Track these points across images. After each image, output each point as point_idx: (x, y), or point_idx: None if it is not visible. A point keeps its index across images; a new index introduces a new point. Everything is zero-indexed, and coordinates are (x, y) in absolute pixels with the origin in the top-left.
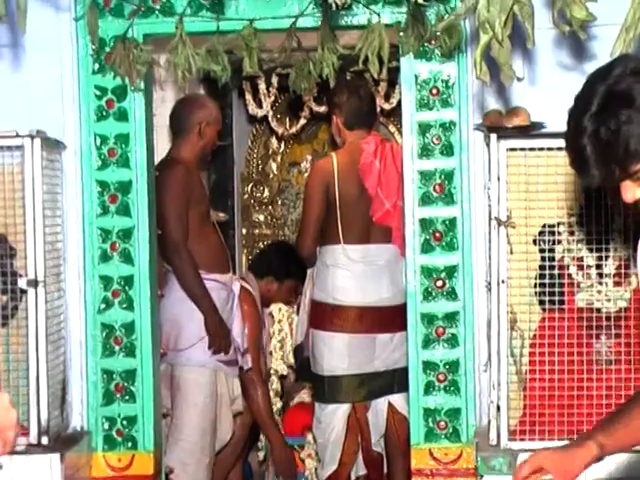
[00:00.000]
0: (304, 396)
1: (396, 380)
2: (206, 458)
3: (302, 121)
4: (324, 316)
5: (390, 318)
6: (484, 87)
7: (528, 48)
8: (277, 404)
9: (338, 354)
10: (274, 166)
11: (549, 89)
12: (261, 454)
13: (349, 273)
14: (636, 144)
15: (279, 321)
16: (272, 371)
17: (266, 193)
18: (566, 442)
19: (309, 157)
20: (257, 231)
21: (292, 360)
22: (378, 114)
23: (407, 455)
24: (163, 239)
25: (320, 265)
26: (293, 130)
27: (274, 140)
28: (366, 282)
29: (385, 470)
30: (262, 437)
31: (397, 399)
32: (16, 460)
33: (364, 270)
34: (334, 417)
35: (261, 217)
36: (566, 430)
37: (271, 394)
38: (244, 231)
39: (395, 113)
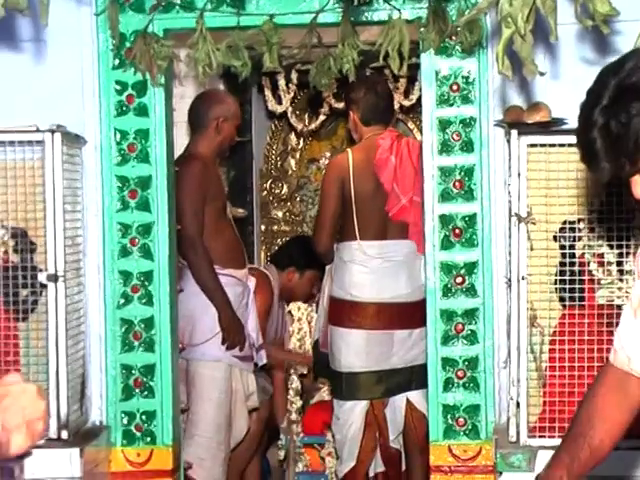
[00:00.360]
0: (324, 394)
1: (414, 377)
2: (222, 453)
3: (321, 117)
4: (342, 312)
5: (408, 314)
6: (505, 83)
7: (550, 43)
8: (297, 403)
9: (355, 351)
10: (293, 162)
11: (571, 84)
12: (282, 453)
13: (366, 269)
14: None
15: (298, 319)
16: (292, 370)
17: (285, 189)
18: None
19: (328, 154)
20: (275, 227)
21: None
22: (396, 110)
23: (425, 452)
24: (180, 234)
25: (338, 261)
26: (312, 126)
27: (293, 136)
28: (383, 278)
29: (403, 467)
30: (282, 435)
31: (415, 396)
32: (35, 454)
33: (381, 266)
34: (352, 414)
35: (279, 213)
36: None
37: (291, 393)
38: (263, 227)
39: (414, 110)
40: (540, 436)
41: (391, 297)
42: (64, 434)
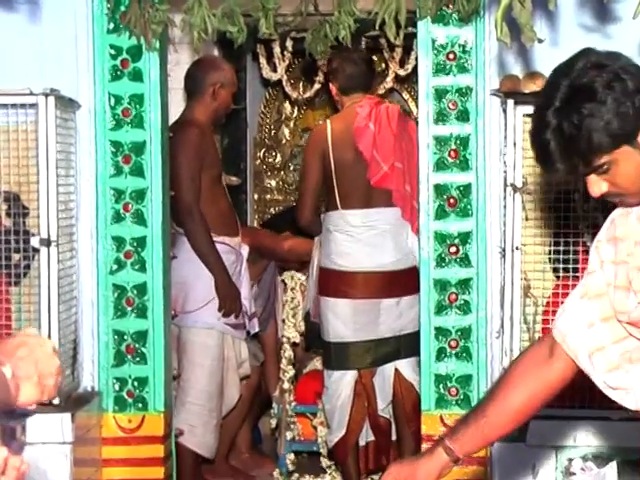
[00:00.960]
0: (317, 364)
1: (402, 346)
2: (213, 420)
3: (316, 86)
4: (329, 282)
5: (395, 282)
6: (501, 52)
7: (549, 10)
8: (290, 372)
9: (343, 320)
10: (287, 131)
11: (570, 53)
12: (273, 421)
13: (351, 238)
14: (599, 138)
15: (292, 289)
16: (284, 339)
17: (278, 158)
18: None
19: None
20: (269, 196)
21: (303, 327)
22: (376, 76)
23: (413, 421)
24: (175, 201)
25: (324, 231)
26: (307, 95)
27: (287, 105)
28: (369, 247)
29: (394, 437)
30: (274, 404)
31: (404, 366)
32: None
33: (366, 234)
34: (340, 383)
35: (273, 182)
36: (577, 398)
37: (284, 362)
38: (256, 196)
39: (409, 79)
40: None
41: (377, 265)
42: (55, 399)
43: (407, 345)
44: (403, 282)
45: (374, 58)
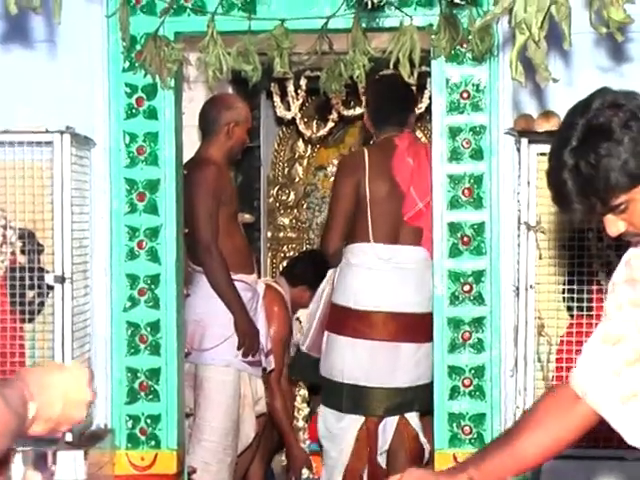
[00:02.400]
0: None
1: (417, 398)
2: (228, 458)
3: (330, 124)
4: (345, 320)
5: (415, 327)
6: (515, 91)
7: (564, 50)
8: (304, 410)
9: (360, 362)
10: (300, 170)
11: (584, 92)
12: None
13: (375, 275)
14: (616, 177)
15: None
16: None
17: (292, 196)
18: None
19: (335, 161)
20: (282, 234)
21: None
22: (413, 111)
23: None
24: (191, 238)
25: (344, 265)
26: (320, 133)
27: (301, 143)
28: (392, 285)
29: None
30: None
31: (413, 415)
32: None
33: (391, 273)
34: (349, 429)
35: (286, 220)
36: (592, 437)
37: (298, 400)
38: (269, 234)
39: (423, 118)
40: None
41: (399, 306)
42: (68, 436)
43: (422, 397)
44: (424, 327)
45: (412, 93)
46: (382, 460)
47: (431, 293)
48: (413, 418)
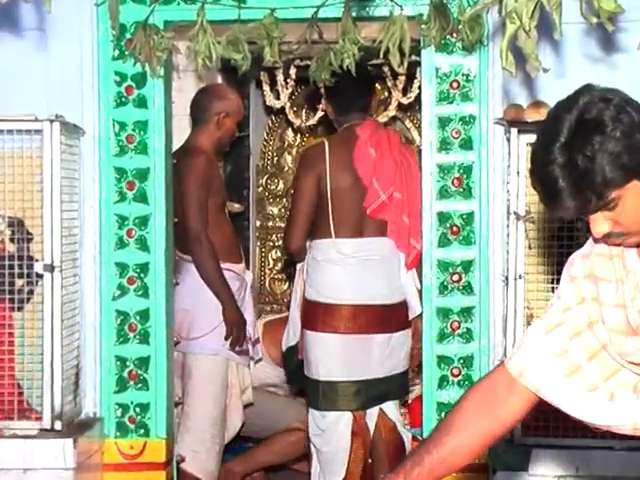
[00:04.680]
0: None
1: (391, 388)
2: (216, 446)
3: (319, 114)
4: (316, 316)
5: (386, 317)
6: (505, 81)
7: (554, 40)
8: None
9: (332, 357)
10: (289, 159)
11: (574, 82)
12: None
13: (341, 269)
14: (612, 171)
15: None
16: None
17: (281, 186)
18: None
19: None
20: (271, 224)
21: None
22: (374, 97)
23: (392, 465)
24: (181, 227)
25: (310, 261)
26: (310, 122)
27: (290, 132)
28: (360, 278)
29: None
30: None
31: (389, 406)
32: (29, 444)
33: (357, 266)
34: (338, 425)
35: (275, 210)
36: (580, 427)
37: None
38: (258, 223)
39: (412, 108)
40: (534, 435)
41: (368, 298)
42: (58, 425)
43: (395, 387)
44: (395, 317)
45: (370, 77)
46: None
47: (399, 283)
48: (389, 408)
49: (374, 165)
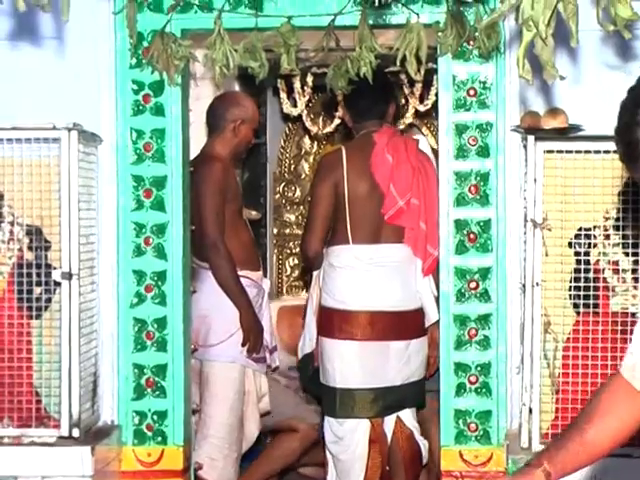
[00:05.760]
0: None
1: (408, 396)
2: (234, 454)
3: (336, 121)
4: (332, 322)
5: (403, 324)
6: (522, 89)
7: (571, 47)
8: None
9: (349, 364)
10: (306, 166)
11: (590, 90)
12: None
13: (358, 275)
14: None
15: None
16: None
17: (298, 193)
18: None
19: None
20: (288, 231)
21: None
22: (392, 104)
23: (410, 472)
24: (198, 235)
25: (327, 267)
26: (327, 130)
27: (307, 140)
28: (376, 285)
29: None
30: None
31: (406, 413)
32: (47, 452)
33: (374, 272)
34: (356, 433)
35: (292, 217)
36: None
37: None
38: (275, 231)
39: (429, 115)
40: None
41: (385, 305)
42: (75, 432)
43: (412, 394)
44: (411, 324)
45: (388, 84)
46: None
47: (416, 289)
48: (407, 416)
49: (391, 171)
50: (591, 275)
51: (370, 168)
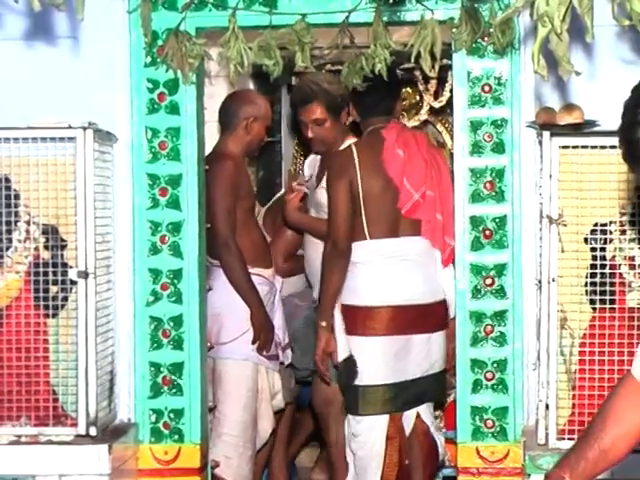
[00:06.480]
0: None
1: (428, 388)
2: (248, 451)
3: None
4: (355, 320)
5: (425, 317)
6: (537, 84)
7: (586, 43)
8: None
9: (373, 361)
10: None
11: (606, 85)
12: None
13: (378, 270)
14: None
15: None
16: None
17: None
18: None
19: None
20: None
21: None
22: (399, 100)
23: (427, 467)
24: (211, 233)
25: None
26: None
27: None
28: (397, 279)
29: None
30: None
31: (425, 409)
32: (64, 450)
33: (394, 266)
34: (374, 429)
35: None
36: None
37: None
38: None
39: (444, 112)
40: (569, 439)
41: (406, 299)
42: (92, 431)
43: (432, 387)
44: (433, 316)
45: (395, 80)
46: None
47: (437, 281)
48: (424, 411)
49: (403, 165)
50: (607, 271)
51: (382, 164)
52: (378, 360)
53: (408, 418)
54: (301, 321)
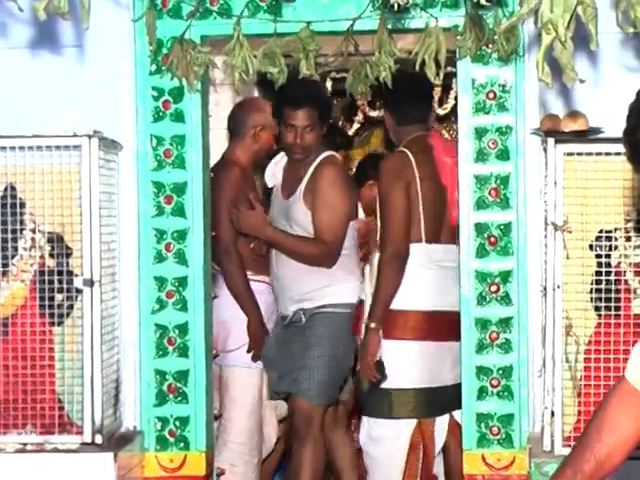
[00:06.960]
0: None
1: (458, 396)
2: (254, 459)
3: (355, 125)
4: (394, 323)
5: (456, 324)
6: (541, 92)
7: (590, 50)
8: None
9: (407, 364)
10: None
11: (610, 92)
12: None
13: (425, 274)
14: None
15: None
16: None
17: None
18: None
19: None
20: None
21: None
22: (433, 110)
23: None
24: (215, 240)
25: None
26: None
27: None
28: (440, 285)
29: None
30: None
31: (459, 413)
32: (70, 458)
33: (439, 272)
34: (402, 433)
35: None
36: None
37: None
38: None
39: (448, 119)
40: (575, 446)
41: (444, 305)
42: (98, 439)
43: (460, 396)
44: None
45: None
46: (435, 465)
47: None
48: (459, 416)
49: (453, 174)
50: (612, 277)
51: (437, 170)
52: (413, 364)
53: (441, 425)
54: None
